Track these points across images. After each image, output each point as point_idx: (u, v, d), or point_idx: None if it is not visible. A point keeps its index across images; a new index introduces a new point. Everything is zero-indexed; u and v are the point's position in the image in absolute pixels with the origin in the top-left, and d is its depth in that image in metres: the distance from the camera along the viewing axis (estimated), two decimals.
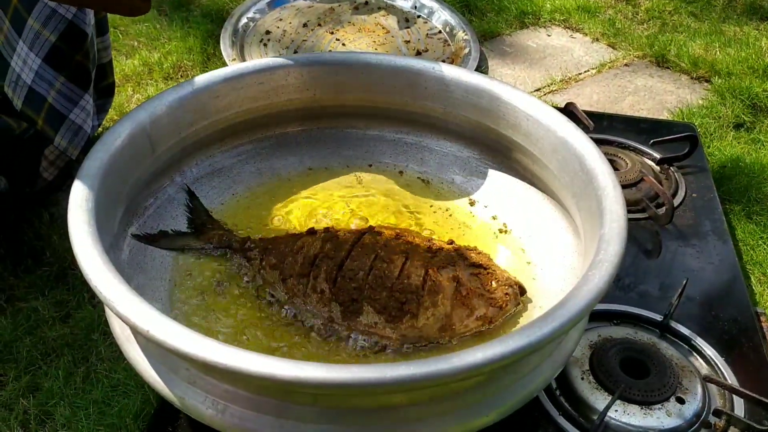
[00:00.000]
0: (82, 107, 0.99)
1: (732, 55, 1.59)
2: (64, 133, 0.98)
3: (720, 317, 0.83)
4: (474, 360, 0.48)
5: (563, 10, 1.78)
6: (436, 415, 0.54)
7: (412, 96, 0.81)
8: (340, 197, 0.81)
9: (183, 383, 0.56)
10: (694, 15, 1.80)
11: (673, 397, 0.72)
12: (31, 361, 0.91)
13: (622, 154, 1.07)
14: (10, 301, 0.99)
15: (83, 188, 0.61)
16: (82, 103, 0.99)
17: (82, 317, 0.95)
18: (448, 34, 1.48)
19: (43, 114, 0.96)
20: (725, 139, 1.33)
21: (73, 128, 0.98)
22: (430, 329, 0.64)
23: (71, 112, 0.98)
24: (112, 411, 0.84)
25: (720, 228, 0.97)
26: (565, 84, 1.55)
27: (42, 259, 1.04)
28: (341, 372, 0.47)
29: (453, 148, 0.83)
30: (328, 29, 1.48)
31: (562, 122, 0.72)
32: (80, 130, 0.99)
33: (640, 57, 1.64)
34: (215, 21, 1.65)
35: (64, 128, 0.98)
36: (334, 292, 0.66)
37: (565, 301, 0.53)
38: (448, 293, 0.65)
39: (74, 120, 0.98)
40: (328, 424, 0.53)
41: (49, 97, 0.96)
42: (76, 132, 0.99)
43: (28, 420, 0.85)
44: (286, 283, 0.68)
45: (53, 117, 0.97)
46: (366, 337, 0.64)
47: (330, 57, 0.84)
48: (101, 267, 0.53)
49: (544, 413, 0.71)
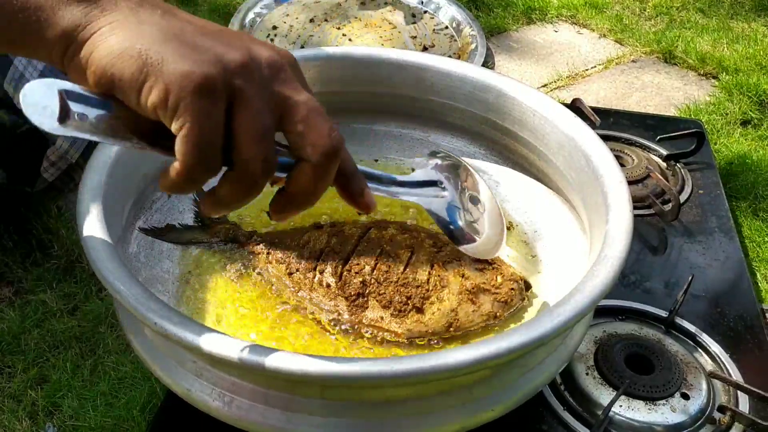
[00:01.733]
0: None
1: (740, 51, 1.59)
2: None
3: (725, 314, 0.83)
4: (479, 354, 0.48)
5: (570, 6, 1.78)
6: (442, 408, 0.54)
7: (418, 91, 0.81)
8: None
9: (190, 375, 0.56)
10: (702, 11, 1.79)
11: (678, 393, 0.72)
12: (39, 354, 0.92)
13: (628, 150, 1.07)
14: (19, 293, 1.00)
15: (92, 181, 0.61)
16: None
17: (90, 310, 0.96)
18: (455, 29, 1.48)
19: None
20: (732, 135, 1.33)
21: None
22: (436, 324, 0.64)
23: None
24: (119, 403, 0.85)
25: (726, 225, 0.97)
26: (571, 80, 1.54)
27: (50, 252, 1.04)
28: (348, 366, 0.47)
29: (459, 143, 0.83)
30: (334, 24, 1.48)
31: (568, 118, 0.72)
32: None
33: (648, 53, 1.63)
34: (222, 16, 1.65)
35: None
36: (340, 287, 0.66)
37: (570, 296, 0.53)
38: (453, 288, 0.65)
39: None
40: (335, 417, 0.53)
41: None
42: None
43: (36, 411, 0.85)
44: (293, 277, 0.68)
45: None
46: (372, 332, 0.65)
47: (337, 52, 0.84)
48: (110, 260, 0.54)
49: (548, 408, 0.72)
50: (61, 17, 0.38)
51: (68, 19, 0.38)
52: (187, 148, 0.37)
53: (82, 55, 0.38)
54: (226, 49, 0.38)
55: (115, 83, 0.37)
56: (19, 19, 0.39)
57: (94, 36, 0.38)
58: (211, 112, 0.36)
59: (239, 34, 0.40)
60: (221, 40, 0.38)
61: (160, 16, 0.39)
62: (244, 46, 0.39)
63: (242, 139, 0.37)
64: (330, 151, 0.40)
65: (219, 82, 0.36)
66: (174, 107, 0.36)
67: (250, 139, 0.37)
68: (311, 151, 0.39)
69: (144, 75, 0.36)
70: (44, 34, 0.39)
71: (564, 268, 0.70)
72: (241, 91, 0.37)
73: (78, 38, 0.38)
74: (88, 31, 0.38)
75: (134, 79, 0.37)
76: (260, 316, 0.67)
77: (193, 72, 0.36)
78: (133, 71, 0.37)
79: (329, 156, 0.40)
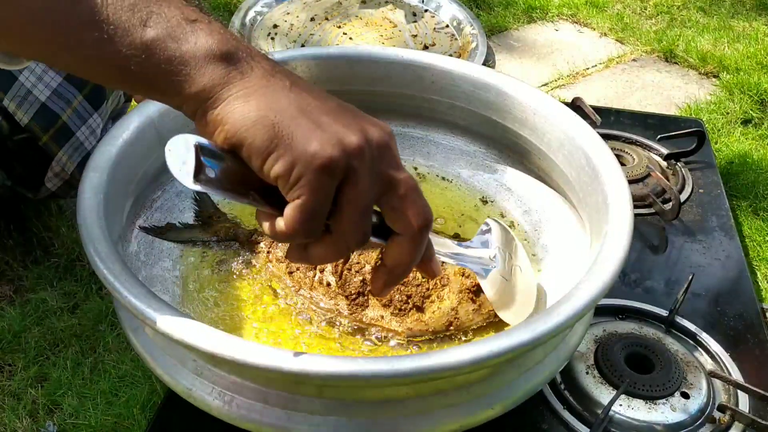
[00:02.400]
0: (89, 125, 0.98)
1: (741, 50, 1.59)
2: (67, 149, 0.97)
3: (725, 313, 0.83)
4: (479, 353, 0.48)
5: (571, 5, 1.78)
6: (442, 407, 0.54)
7: (419, 90, 0.81)
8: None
9: (190, 374, 0.57)
10: (703, 10, 1.79)
11: (678, 392, 0.72)
12: (40, 352, 0.92)
13: (629, 149, 1.07)
14: (19, 291, 1.00)
15: (93, 180, 0.61)
16: (90, 122, 0.98)
17: (90, 308, 0.96)
18: (456, 28, 1.48)
19: (51, 131, 0.95)
20: (733, 134, 1.33)
21: (76, 144, 0.98)
22: (437, 323, 0.64)
23: (79, 129, 0.97)
24: (119, 401, 0.85)
25: (726, 224, 0.97)
26: (572, 79, 1.54)
27: (51, 251, 1.04)
28: (348, 364, 0.47)
29: (459, 142, 0.83)
30: (335, 23, 1.48)
31: (569, 117, 0.72)
32: (81, 146, 0.98)
33: (648, 52, 1.63)
34: (223, 14, 1.65)
35: (68, 145, 0.97)
36: (341, 285, 0.66)
37: (570, 295, 0.53)
38: (454, 287, 0.65)
39: (79, 137, 0.97)
40: (335, 416, 0.53)
41: (64, 115, 0.95)
42: (77, 148, 0.98)
43: (36, 409, 0.85)
44: (293, 275, 0.68)
45: (62, 134, 0.96)
46: (373, 330, 0.65)
47: (337, 51, 0.84)
48: (110, 258, 0.54)
49: (548, 407, 0.72)
50: (202, 74, 0.41)
51: (209, 77, 0.41)
52: (298, 216, 0.41)
53: (216, 112, 0.41)
54: (346, 131, 0.41)
55: (244, 146, 0.41)
56: (162, 70, 0.41)
57: (230, 98, 0.41)
58: (326, 188, 0.41)
59: (353, 112, 0.44)
60: (340, 120, 0.42)
61: (289, 88, 0.42)
62: (359, 127, 0.42)
63: (346, 213, 0.42)
64: (424, 225, 0.44)
65: (339, 163, 0.40)
66: (296, 180, 0.40)
67: (353, 213, 0.42)
68: (408, 225, 0.43)
69: (274, 145, 0.40)
70: (183, 88, 0.42)
71: (564, 266, 0.70)
72: (354, 171, 0.41)
73: (214, 96, 0.41)
74: (226, 92, 0.41)
75: (264, 147, 0.40)
76: (260, 314, 0.67)
77: (318, 152, 0.40)
78: (264, 139, 0.40)
79: (423, 230, 0.44)
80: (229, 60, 0.42)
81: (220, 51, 0.42)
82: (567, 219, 0.74)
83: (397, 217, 0.43)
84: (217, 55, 0.42)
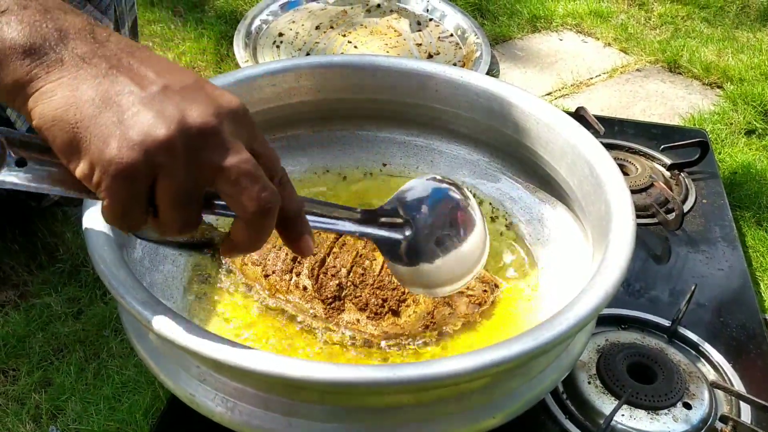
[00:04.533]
0: None
1: (744, 61, 1.59)
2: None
3: (728, 323, 0.83)
4: (481, 362, 0.48)
5: (575, 15, 1.78)
6: (443, 415, 0.55)
7: (423, 99, 0.82)
8: (348, 198, 0.82)
9: (193, 380, 0.57)
10: (707, 21, 1.80)
11: (680, 403, 0.72)
12: (44, 357, 0.92)
13: (632, 159, 1.07)
14: (24, 296, 1.00)
15: None
16: None
17: (94, 314, 0.97)
18: (460, 37, 1.49)
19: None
20: (736, 145, 1.33)
21: None
22: (413, 326, 0.65)
23: None
24: (122, 407, 0.85)
25: (730, 234, 0.97)
26: (576, 88, 1.55)
27: (55, 256, 1.05)
28: (350, 372, 0.47)
29: (463, 150, 0.84)
30: (340, 32, 1.49)
31: (572, 126, 0.72)
32: None
33: (652, 62, 1.64)
34: (229, 22, 1.66)
35: None
36: (317, 289, 0.66)
37: (573, 304, 0.53)
38: None
39: None
40: (336, 423, 0.54)
41: None
42: None
43: (40, 414, 0.86)
44: (269, 279, 0.68)
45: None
46: (351, 333, 0.65)
47: (342, 59, 0.84)
48: (115, 264, 0.54)
49: (550, 416, 0.72)
50: (6, 73, 0.40)
51: (12, 75, 0.40)
52: (109, 216, 0.41)
53: (28, 108, 0.40)
54: (154, 123, 0.39)
55: (48, 143, 0.40)
56: None
57: (36, 95, 0.40)
58: (129, 191, 0.40)
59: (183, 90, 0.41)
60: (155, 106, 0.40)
61: (104, 74, 0.40)
62: (177, 113, 0.40)
63: (161, 205, 0.41)
64: (258, 212, 0.42)
65: (139, 166, 0.39)
66: (96, 185, 0.40)
67: (167, 207, 0.41)
68: (242, 211, 0.42)
69: (73, 148, 0.39)
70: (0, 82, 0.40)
71: (566, 276, 0.70)
72: (161, 166, 0.40)
73: (22, 93, 0.40)
74: (32, 87, 0.40)
75: (63, 149, 0.40)
76: (244, 319, 0.67)
77: (114, 158, 0.39)
78: (63, 141, 0.39)
79: (257, 215, 0.42)
80: (34, 54, 0.40)
81: (23, 45, 0.40)
82: (569, 228, 0.74)
83: (231, 202, 0.42)
84: (19, 50, 0.40)
